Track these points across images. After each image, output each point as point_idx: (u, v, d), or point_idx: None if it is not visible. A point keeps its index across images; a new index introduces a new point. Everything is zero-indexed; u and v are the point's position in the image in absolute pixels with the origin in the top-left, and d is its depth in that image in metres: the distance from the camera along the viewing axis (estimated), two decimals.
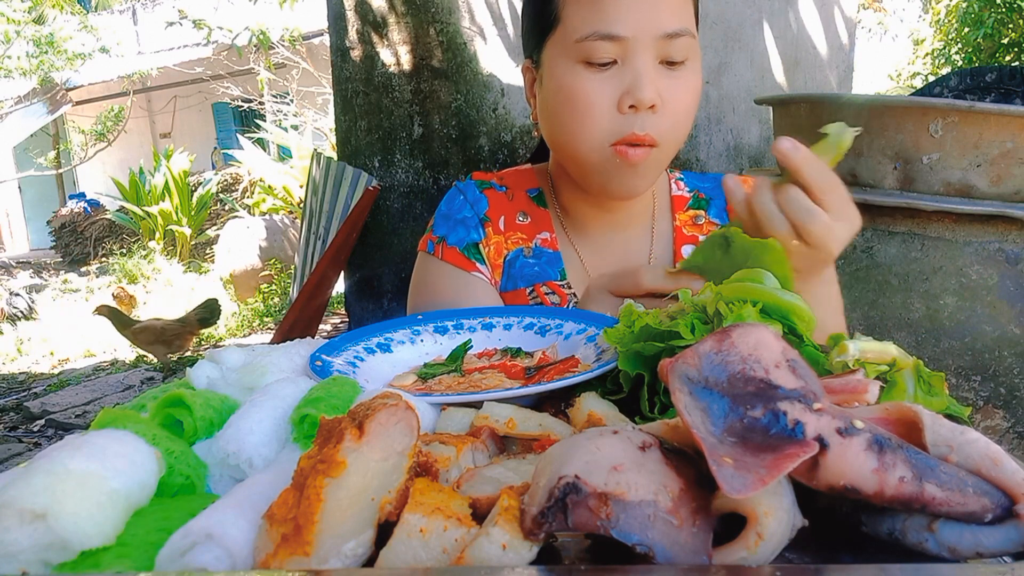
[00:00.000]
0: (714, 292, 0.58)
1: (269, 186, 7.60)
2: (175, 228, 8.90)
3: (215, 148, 12.46)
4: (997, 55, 7.35)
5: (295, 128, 8.14)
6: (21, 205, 13.68)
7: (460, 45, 2.55)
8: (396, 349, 0.77)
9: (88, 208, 10.94)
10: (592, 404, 0.53)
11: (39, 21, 9.88)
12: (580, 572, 0.34)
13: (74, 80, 11.51)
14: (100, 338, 5.56)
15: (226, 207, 9.44)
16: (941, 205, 1.50)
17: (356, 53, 2.72)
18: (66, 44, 10.33)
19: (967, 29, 7.56)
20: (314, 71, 7.71)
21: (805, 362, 0.39)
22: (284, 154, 8.47)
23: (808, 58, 2.86)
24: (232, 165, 9.71)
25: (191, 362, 4.53)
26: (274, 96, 9.05)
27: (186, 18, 7.14)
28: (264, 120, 8.85)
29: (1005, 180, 1.49)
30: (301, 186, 6.82)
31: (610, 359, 0.61)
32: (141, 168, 9.64)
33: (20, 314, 6.73)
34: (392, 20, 2.59)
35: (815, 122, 0.73)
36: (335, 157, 2.99)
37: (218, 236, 7.33)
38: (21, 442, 3.63)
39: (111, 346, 5.52)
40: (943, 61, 8.54)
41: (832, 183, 0.71)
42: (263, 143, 8.62)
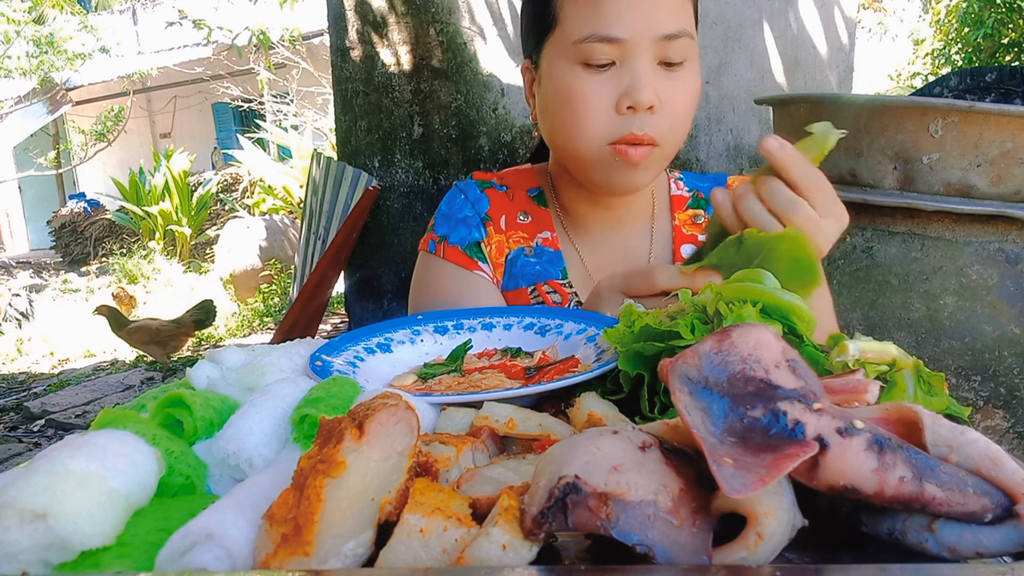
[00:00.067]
0: (714, 292, 0.58)
1: (269, 186, 7.60)
2: (175, 228, 8.90)
3: (215, 148, 12.46)
4: (997, 55, 7.35)
5: (295, 128, 8.14)
6: (21, 205, 13.68)
7: (460, 45, 2.55)
8: (396, 349, 0.77)
9: (88, 208, 10.93)
10: (592, 404, 0.53)
11: (39, 21, 9.88)
12: (580, 572, 0.34)
13: (74, 80, 11.51)
14: (100, 338, 5.56)
15: (226, 207, 9.44)
16: (941, 205, 1.50)
17: (356, 53, 2.72)
18: (66, 44, 10.33)
19: (967, 29, 7.56)
20: (314, 71, 7.71)
21: (805, 362, 0.39)
22: (284, 154, 8.47)
23: (808, 58, 2.86)
24: (232, 165, 9.70)
25: (191, 362, 4.54)
26: (274, 96, 9.05)
27: (186, 18, 7.14)
28: (264, 120, 8.84)
29: (1005, 180, 1.49)
30: (301, 186, 6.82)
31: (610, 359, 0.61)
32: (141, 168, 9.64)
33: (20, 314, 6.73)
34: (392, 20, 2.59)
35: (815, 122, 0.72)
36: (335, 157, 2.99)
37: (218, 236, 7.33)
38: (21, 442, 3.63)
39: (111, 346, 5.52)
40: (943, 61, 8.54)
41: (818, 180, 0.71)
42: (263, 143, 8.61)
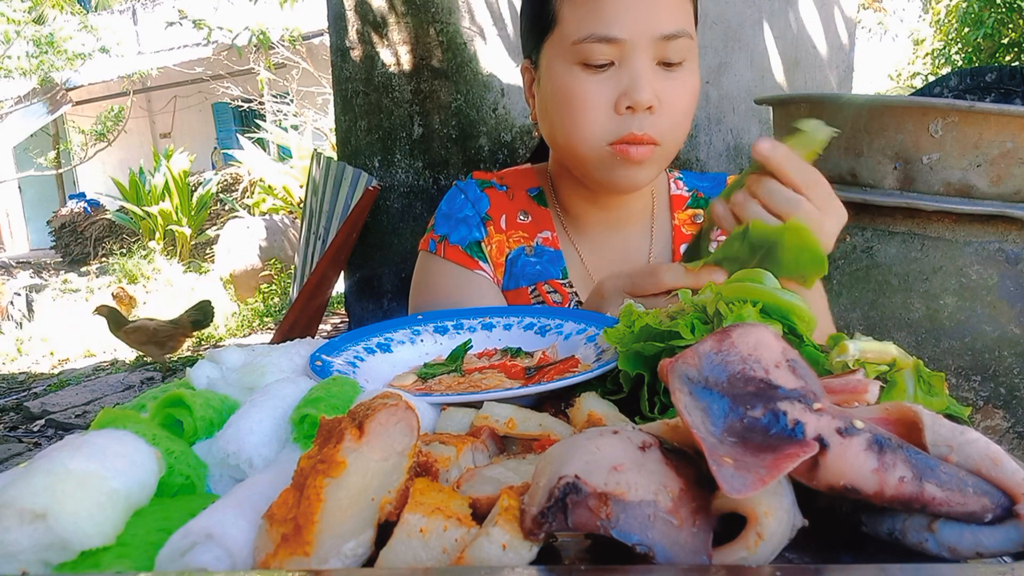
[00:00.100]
0: (714, 292, 0.58)
1: (269, 186, 7.59)
2: (175, 228, 8.90)
3: (215, 148, 12.45)
4: (997, 55, 7.35)
5: (295, 128, 8.14)
6: (21, 205, 13.68)
7: (460, 45, 2.55)
8: (396, 349, 0.77)
9: (88, 208, 10.93)
10: (592, 404, 0.53)
11: (39, 21, 9.88)
12: (580, 572, 0.34)
13: (74, 80, 11.51)
14: (100, 338, 5.56)
15: (226, 207, 9.43)
16: (941, 205, 1.50)
17: (356, 53, 2.72)
18: (66, 44, 10.33)
19: (967, 29, 7.56)
20: (314, 71, 7.71)
21: (805, 362, 0.39)
22: (284, 154, 8.47)
23: (808, 58, 2.86)
24: (232, 165, 9.70)
25: (191, 362, 4.54)
26: (274, 96, 9.04)
27: (186, 18, 7.14)
28: (264, 120, 8.84)
29: (1005, 180, 1.49)
30: (301, 186, 6.82)
31: (610, 359, 0.61)
32: (141, 168, 9.63)
33: (20, 314, 6.73)
34: (392, 20, 2.59)
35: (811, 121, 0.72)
36: (335, 157, 2.99)
37: (218, 236, 7.32)
38: (21, 442, 3.63)
39: (111, 346, 5.51)
40: (943, 61, 8.54)
41: (814, 178, 0.71)
42: (263, 143, 8.61)
